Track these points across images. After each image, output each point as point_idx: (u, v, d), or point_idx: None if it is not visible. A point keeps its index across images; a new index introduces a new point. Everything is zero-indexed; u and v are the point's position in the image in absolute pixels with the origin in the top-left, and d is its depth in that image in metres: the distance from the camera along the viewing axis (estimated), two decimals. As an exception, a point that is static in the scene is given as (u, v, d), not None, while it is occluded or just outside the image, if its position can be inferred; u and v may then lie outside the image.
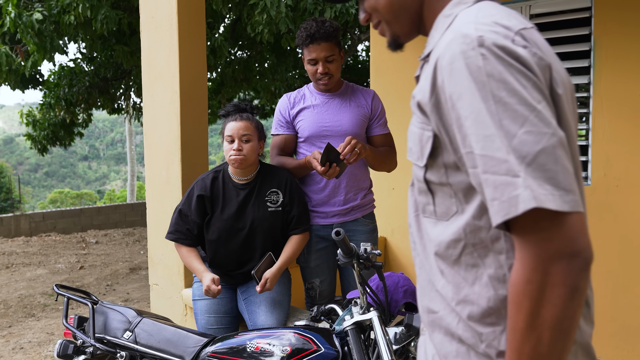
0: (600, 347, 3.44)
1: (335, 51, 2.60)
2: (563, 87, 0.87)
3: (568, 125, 0.87)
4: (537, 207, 0.75)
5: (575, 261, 0.78)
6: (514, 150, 0.76)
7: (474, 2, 0.95)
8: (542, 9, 3.64)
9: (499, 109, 0.78)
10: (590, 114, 3.48)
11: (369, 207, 2.82)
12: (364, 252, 1.81)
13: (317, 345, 1.88)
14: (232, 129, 2.48)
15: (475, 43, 0.81)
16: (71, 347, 2.25)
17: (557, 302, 0.77)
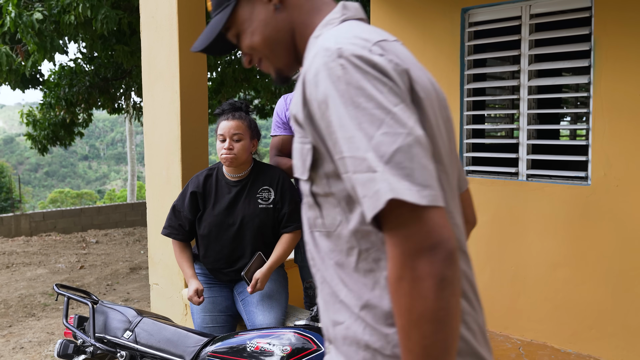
0: (600, 347, 3.44)
1: None
2: (425, 92, 0.92)
3: (431, 127, 0.92)
4: (396, 200, 0.79)
5: (438, 252, 0.79)
6: (372, 150, 0.81)
7: (340, 22, 1.01)
8: (542, 9, 3.64)
9: (359, 114, 0.83)
10: (590, 113, 3.48)
11: None
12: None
13: (317, 345, 1.88)
14: (224, 128, 2.53)
15: (335, 55, 0.87)
16: (71, 347, 2.25)
17: (428, 295, 0.79)
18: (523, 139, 3.79)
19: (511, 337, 3.81)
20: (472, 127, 4.05)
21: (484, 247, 3.95)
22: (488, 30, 3.96)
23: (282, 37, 1.07)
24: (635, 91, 3.28)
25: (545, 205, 3.65)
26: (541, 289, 3.69)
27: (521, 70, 3.76)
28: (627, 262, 3.36)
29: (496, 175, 3.95)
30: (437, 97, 0.98)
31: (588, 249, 3.50)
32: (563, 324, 3.61)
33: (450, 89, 4.07)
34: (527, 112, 3.76)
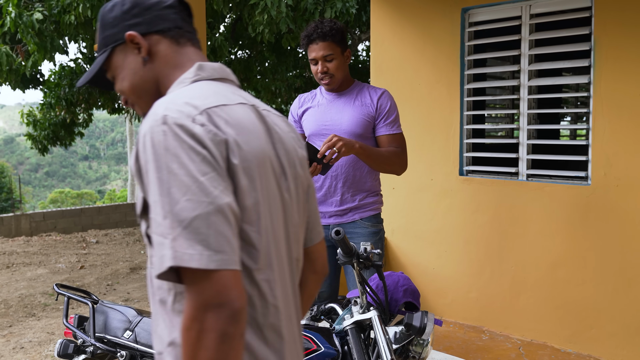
0: (600, 347, 3.45)
1: (335, 50, 2.60)
2: (248, 160, 0.99)
3: (255, 189, 1.00)
4: (176, 266, 0.88)
5: (223, 310, 0.89)
6: (172, 215, 0.89)
7: (191, 82, 1.09)
8: (542, 9, 3.64)
9: (170, 179, 0.91)
10: (590, 113, 3.48)
11: (369, 210, 2.72)
12: (364, 251, 1.82)
13: (317, 345, 1.88)
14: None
15: (160, 121, 0.95)
16: (71, 347, 2.26)
17: (210, 346, 0.88)
18: (523, 138, 3.79)
19: (511, 336, 3.81)
20: (472, 127, 4.05)
21: (484, 247, 3.95)
22: (488, 30, 3.96)
23: (148, 87, 1.15)
24: (635, 91, 3.28)
25: (546, 205, 3.65)
26: (541, 289, 3.69)
27: (521, 70, 3.76)
28: (627, 261, 3.36)
29: (496, 175, 3.95)
30: (277, 160, 1.08)
31: (588, 248, 3.50)
32: (563, 324, 3.60)
33: (450, 88, 4.07)
34: (527, 112, 3.76)
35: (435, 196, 4.18)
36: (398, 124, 2.70)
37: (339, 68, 2.64)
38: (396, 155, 2.66)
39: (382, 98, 2.68)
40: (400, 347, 1.85)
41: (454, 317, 4.13)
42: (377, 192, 2.77)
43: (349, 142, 2.41)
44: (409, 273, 4.32)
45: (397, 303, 1.97)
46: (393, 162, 2.66)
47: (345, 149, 2.38)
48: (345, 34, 2.65)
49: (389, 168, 2.68)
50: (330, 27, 2.57)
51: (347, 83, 2.74)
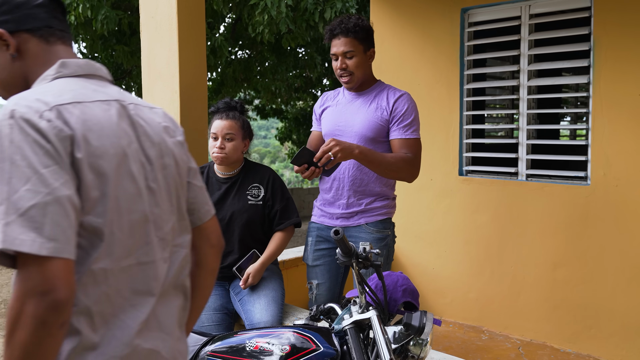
0: (599, 347, 3.45)
1: (357, 47, 2.52)
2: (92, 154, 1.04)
3: (104, 183, 1.05)
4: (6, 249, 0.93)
5: (45, 299, 0.93)
6: (9, 202, 0.94)
7: (53, 79, 1.14)
8: (541, 9, 3.64)
9: (12, 169, 0.96)
10: (589, 113, 3.48)
11: (375, 215, 2.61)
12: (363, 251, 1.82)
13: (316, 344, 1.88)
14: (217, 127, 2.59)
15: (8, 115, 1.00)
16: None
17: (27, 329, 0.94)
18: (522, 138, 3.79)
19: (511, 336, 3.81)
20: (472, 127, 4.06)
21: (484, 247, 3.95)
22: (488, 30, 3.96)
23: (17, 83, 1.20)
24: (634, 91, 3.28)
25: (545, 205, 3.65)
26: (541, 289, 3.70)
27: (520, 70, 3.76)
28: (626, 261, 3.36)
29: (496, 175, 3.95)
30: (141, 152, 1.15)
31: (587, 248, 3.50)
32: (563, 324, 3.61)
33: (450, 89, 4.08)
34: (527, 112, 3.76)
35: (435, 196, 4.19)
36: (414, 129, 2.55)
37: (359, 66, 2.56)
38: (405, 162, 2.49)
39: (399, 101, 2.57)
40: (399, 346, 1.85)
41: (454, 317, 4.13)
42: (387, 197, 2.66)
43: (347, 148, 2.31)
44: (408, 273, 4.33)
45: (396, 303, 1.97)
46: (400, 169, 2.49)
47: (342, 155, 2.29)
48: (370, 32, 2.58)
49: (394, 175, 2.54)
50: (355, 23, 2.51)
51: (369, 83, 2.66)
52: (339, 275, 2.70)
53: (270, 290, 2.61)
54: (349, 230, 2.61)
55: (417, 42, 4.24)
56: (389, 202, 2.67)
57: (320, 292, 2.70)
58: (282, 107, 14.01)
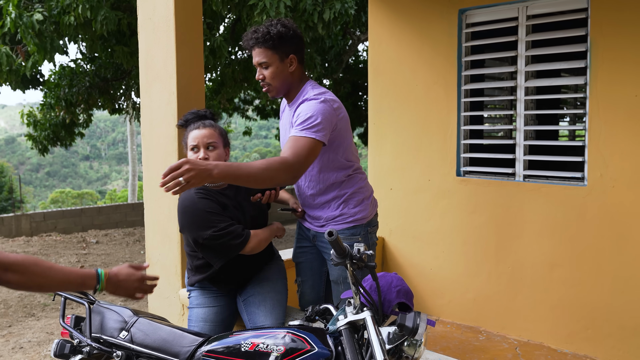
0: (596, 347, 3.45)
1: (271, 57, 2.40)
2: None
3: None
4: None
5: None
6: None
7: None
8: (539, 10, 3.65)
9: None
10: (586, 114, 3.49)
11: (342, 223, 2.50)
12: (357, 252, 1.83)
13: (310, 345, 1.89)
14: (196, 137, 2.38)
15: None
16: (68, 347, 2.26)
17: None
18: (520, 139, 3.80)
19: (508, 337, 3.82)
20: (470, 127, 4.06)
21: (481, 248, 3.96)
22: (485, 31, 3.97)
23: None
24: (631, 92, 3.29)
25: (542, 206, 3.66)
26: (538, 290, 3.70)
27: (518, 71, 3.77)
28: (623, 262, 3.36)
29: (493, 175, 3.96)
30: None
31: (584, 249, 3.51)
32: (560, 324, 3.61)
33: (448, 89, 4.08)
34: (524, 113, 3.77)
35: (433, 197, 4.19)
36: (305, 126, 2.27)
37: (276, 76, 2.43)
38: (278, 164, 2.16)
39: (300, 106, 2.38)
40: (393, 347, 1.85)
41: (451, 318, 4.14)
42: (352, 200, 2.51)
43: (202, 171, 1.93)
44: (406, 273, 4.33)
45: (390, 304, 1.98)
46: (273, 175, 2.14)
47: (195, 180, 1.92)
48: (288, 38, 2.40)
49: (271, 183, 2.21)
50: (266, 31, 2.37)
51: (298, 89, 2.49)
52: (322, 273, 2.70)
53: (275, 293, 2.58)
54: (319, 236, 2.59)
55: (415, 43, 4.25)
56: (359, 204, 2.52)
57: (304, 289, 2.72)
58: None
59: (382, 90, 4.45)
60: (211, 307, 2.55)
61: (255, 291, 2.56)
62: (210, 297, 2.58)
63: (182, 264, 3.28)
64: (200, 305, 2.56)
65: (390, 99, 4.39)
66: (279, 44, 2.39)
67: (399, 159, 4.33)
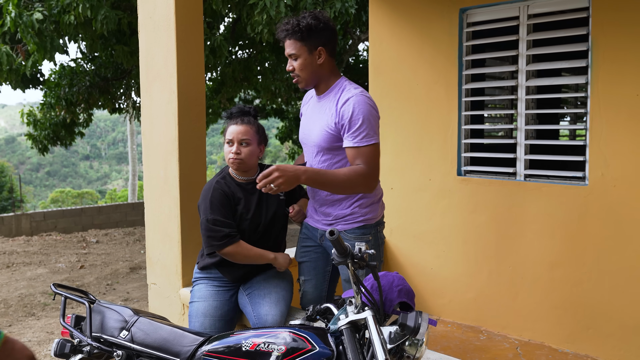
0: (597, 347, 3.45)
1: (300, 49, 2.45)
2: None
3: None
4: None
5: None
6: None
7: None
8: (540, 9, 3.64)
9: None
10: (587, 114, 3.48)
11: (352, 222, 2.52)
12: (358, 251, 1.82)
13: (311, 345, 1.89)
14: (233, 133, 2.54)
15: None
16: (68, 346, 2.26)
17: None
18: (521, 139, 3.79)
19: (509, 336, 3.82)
20: (470, 127, 4.06)
21: (482, 247, 3.95)
22: (486, 31, 3.96)
23: None
24: (632, 91, 3.28)
25: (543, 206, 3.65)
26: (539, 289, 3.70)
27: (519, 71, 3.76)
28: (624, 262, 3.36)
29: (494, 175, 3.95)
30: None
31: (585, 249, 3.50)
32: (561, 324, 3.61)
33: (449, 89, 4.08)
34: (525, 113, 3.76)
35: (434, 196, 4.19)
36: (365, 134, 2.36)
37: (304, 68, 2.48)
38: (358, 175, 2.35)
39: (345, 105, 2.39)
40: (394, 347, 1.85)
41: (452, 317, 4.13)
42: (364, 200, 2.54)
43: (291, 177, 2.23)
44: (407, 273, 4.33)
45: (391, 303, 1.98)
46: (354, 184, 2.36)
47: (284, 186, 2.23)
48: (316, 31, 2.43)
49: (350, 191, 2.43)
50: (295, 23, 2.42)
51: (327, 84, 2.54)
52: (325, 273, 2.70)
53: (281, 289, 2.62)
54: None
55: (416, 42, 4.24)
56: (370, 205, 2.55)
57: (307, 288, 2.71)
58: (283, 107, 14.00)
59: (382, 89, 4.44)
60: (211, 302, 2.59)
61: (260, 285, 2.62)
62: (211, 291, 2.62)
63: (182, 264, 3.28)
64: (201, 299, 2.60)
65: (391, 98, 4.38)
66: (308, 36, 2.43)
67: (399, 159, 4.33)
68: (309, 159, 2.62)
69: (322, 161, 2.54)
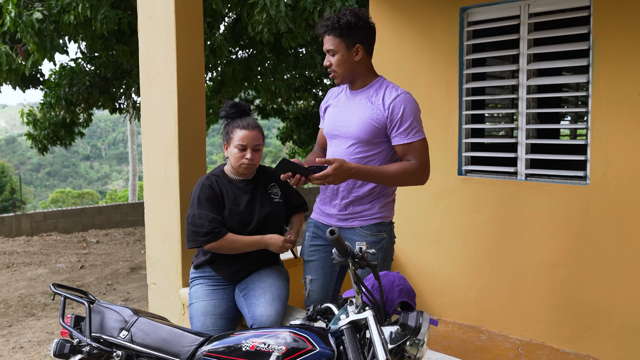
0: (598, 347, 3.44)
1: (338, 45, 2.47)
2: None
3: None
4: None
5: None
6: None
7: None
8: (541, 8, 3.63)
9: None
10: (589, 113, 3.47)
11: (370, 219, 2.56)
12: (359, 251, 1.81)
13: (312, 345, 1.88)
14: (247, 139, 2.54)
15: None
16: (68, 347, 2.25)
17: None
18: (522, 138, 3.78)
19: (510, 336, 3.81)
20: (471, 126, 4.05)
21: (483, 247, 3.94)
22: (487, 30, 3.95)
23: None
24: (634, 90, 3.27)
25: (544, 205, 3.64)
26: (540, 289, 3.69)
27: (520, 70, 3.75)
28: (626, 261, 3.35)
29: (495, 174, 3.94)
30: None
31: (587, 248, 3.49)
32: (562, 324, 3.60)
33: (449, 88, 4.07)
34: (526, 112, 3.75)
35: (434, 196, 4.18)
36: (415, 131, 2.46)
37: (341, 64, 2.50)
38: (408, 171, 2.46)
39: (395, 101, 2.46)
40: (395, 347, 1.84)
41: (453, 317, 4.12)
42: (383, 199, 2.59)
43: (343, 174, 2.35)
44: (407, 273, 4.32)
45: (392, 303, 1.97)
46: (404, 179, 2.48)
47: (332, 180, 2.35)
48: (356, 27, 2.47)
49: (400, 185, 2.54)
50: (336, 19, 2.46)
51: (365, 80, 2.57)
52: (333, 273, 2.69)
53: (276, 288, 2.62)
54: (344, 231, 2.59)
55: (416, 41, 4.23)
56: (386, 204, 2.60)
57: (313, 288, 2.69)
58: (283, 106, 13.99)
59: (383, 89, 4.43)
60: (209, 300, 2.60)
61: (255, 285, 2.61)
62: (207, 291, 2.64)
63: (182, 264, 3.27)
64: (199, 299, 2.61)
65: (392, 97, 4.37)
66: (347, 33, 2.46)
67: (400, 158, 4.32)
68: (337, 150, 2.58)
69: (354, 153, 2.53)
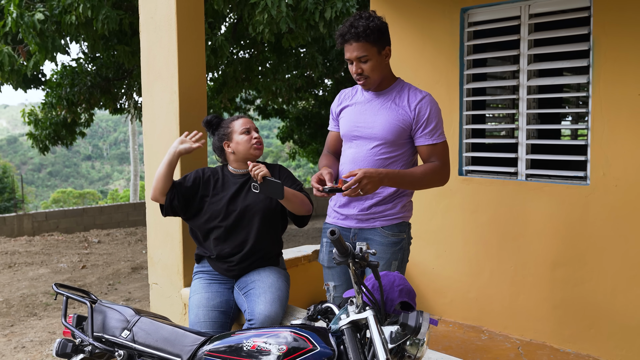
0: (599, 347, 3.44)
1: (370, 50, 2.41)
2: None
3: None
4: None
5: None
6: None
7: None
8: (541, 9, 3.64)
9: None
10: (589, 113, 3.48)
11: (391, 219, 2.55)
12: (359, 251, 1.82)
13: (312, 344, 1.88)
14: (246, 123, 2.74)
15: None
16: (70, 346, 2.26)
17: None
18: (522, 138, 3.79)
19: (510, 336, 3.81)
20: (472, 127, 4.05)
21: (484, 247, 3.95)
22: (487, 30, 3.96)
23: None
24: (634, 91, 3.28)
25: (544, 205, 3.65)
26: (540, 289, 3.69)
27: (520, 70, 3.76)
28: (626, 261, 3.35)
29: (495, 175, 3.95)
30: None
31: (587, 248, 3.50)
32: (562, 324, 3.60)
33: (450, 88, 4.07)
34: (527, 112, 3.76)
35: (435, 196, 4.18)
36: (439, 132, 2.50)
37: (375, 69, 2.45)
38: (433, 172, 2.48)
39: (421, 103, 2.47)
40: (395, 346, 1.85)
41: (453, 317, 4.13)
42: (405, 198, 2.59)
43: (376, 182, 2.32)
44: (408, 272, 4.33)
45: (392, 303, 1.98)
46: (430, 181, 2.50)
47: (370, 188, 2.31)
48: (383, 31, 2.46)
49: (425, 187, 2.55)
50: (365, 26, 2.40)
51: (387, 82, 2.55)
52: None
53: (277, 289, 2.63)
54: (364, 232, 2.56)
55: (417, 42, 4.24)
56: (405, 204, 2.61)
57: (338, 294, 2.63)
58: (284, 107, 13.99)
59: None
60: (204, 293, 2.67)
61: (257, 284, 2.64)
62: (204, 284, 2.72)
63: (183, 264, 3.28)
64: (195, 293, 2.71)
65: (392, 98, 4.38)
66: (379, 37, 2.44)
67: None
68: (359, 152, 2.53)
69: (379, 154, 2.50)
